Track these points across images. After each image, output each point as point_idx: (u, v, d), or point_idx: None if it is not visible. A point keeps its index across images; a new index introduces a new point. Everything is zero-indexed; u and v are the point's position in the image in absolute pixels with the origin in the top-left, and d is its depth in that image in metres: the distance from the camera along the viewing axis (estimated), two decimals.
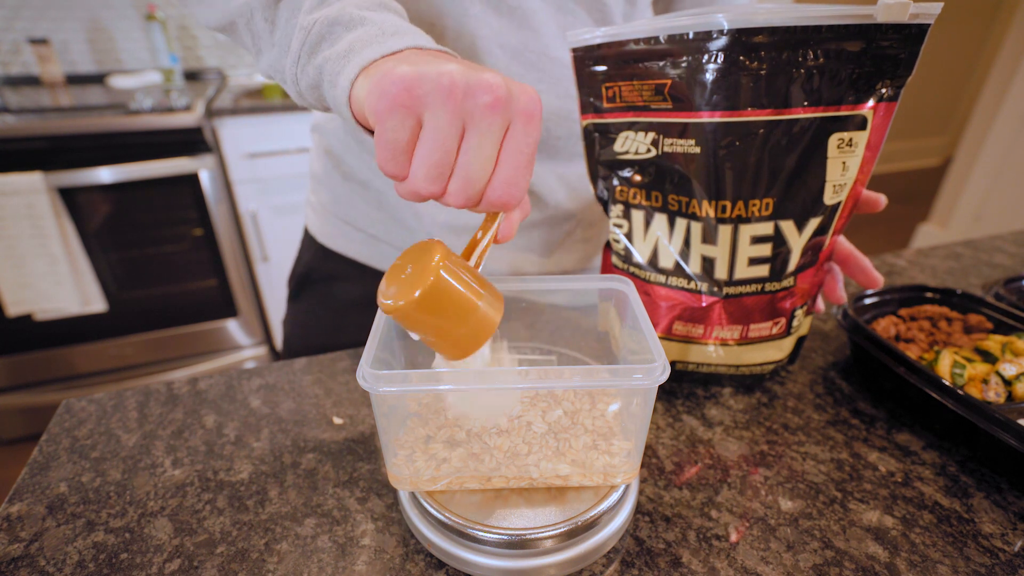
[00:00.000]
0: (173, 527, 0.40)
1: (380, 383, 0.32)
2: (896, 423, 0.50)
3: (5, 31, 1.81)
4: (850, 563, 0.37)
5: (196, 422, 0.50)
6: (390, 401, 0.37)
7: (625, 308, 0.41)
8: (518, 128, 0.30)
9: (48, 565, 0.37)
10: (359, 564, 0.37)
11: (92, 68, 1.93)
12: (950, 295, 0.60)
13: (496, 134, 0.30)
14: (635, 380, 0.32)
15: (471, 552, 0.35)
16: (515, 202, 0.32)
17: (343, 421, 0.50)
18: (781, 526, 0.40)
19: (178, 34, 1.98)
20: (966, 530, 0.40)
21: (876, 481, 0.44)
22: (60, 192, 1.49)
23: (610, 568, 0.37)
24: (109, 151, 1.50)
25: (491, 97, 0.29)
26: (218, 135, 1.61)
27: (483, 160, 0.30)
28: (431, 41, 0.35)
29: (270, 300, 1.89)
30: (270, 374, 0.56)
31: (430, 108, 0.29)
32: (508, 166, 0.31)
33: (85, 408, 0.52)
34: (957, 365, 0.49)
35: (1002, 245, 0.87)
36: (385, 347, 0.37)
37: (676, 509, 0.41)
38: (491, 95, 0.29)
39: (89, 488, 0.43)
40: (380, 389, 0.32)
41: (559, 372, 0.33)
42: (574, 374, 0.33)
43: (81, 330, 1.68)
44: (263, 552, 0.38)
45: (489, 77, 0.29)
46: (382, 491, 0.43)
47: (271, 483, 0.43)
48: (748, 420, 0.50)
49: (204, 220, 1.67)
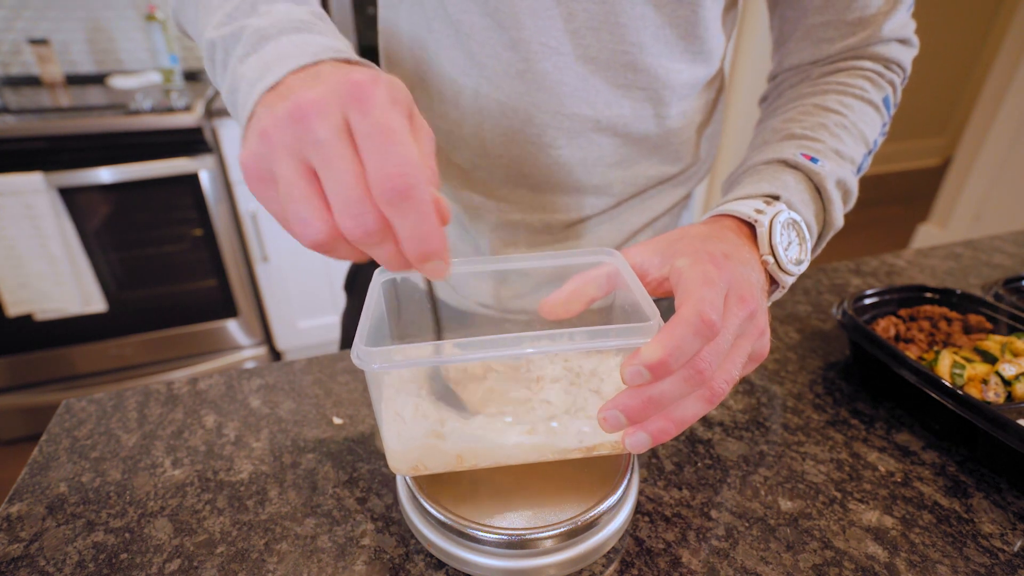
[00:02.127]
0: (173, 527, 0.40)
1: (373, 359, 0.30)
2: (896, 423, 0.50)
3: (5, 31, 1.81)
4: (850, 563, 0.37)
5: (196, 422, 0.50)
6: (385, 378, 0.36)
7: (616, 279, 0.39)
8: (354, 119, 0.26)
9: (48, 565, 0.37)
10: (359, 564, 0.37)
11: (92, 68, 1.93)
12: (950, 295, 0.60)
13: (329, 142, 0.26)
14: (631, 340, 0.32)
15: (471, 552, 0.35)
16: (409, 186, 0.25)
17: (343, 421, 0.50)
18: (781, 526, 0.40)
19: (178, 34, 1.98)
20: (965, 530, 0.40)
21: (876, 481, 0.44)
22: (60, 192, 1.49)
23: (610, 568, 0.37)
24: (109, 151, 1.50)
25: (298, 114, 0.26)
26: (218, 135, 1.61)
27: (338, 172, 0.26)
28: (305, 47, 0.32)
29: (270, 300, 1.89)
30: (270, 374, 0.56)
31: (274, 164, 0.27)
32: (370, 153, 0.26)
33: (85, 408, 0.52)
34: (957, 365, 0.49)
35: (1001, 245, 0.87)
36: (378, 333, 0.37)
37: (676, 509, 0.41)
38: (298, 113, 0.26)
39: (89, 488, 0.43)
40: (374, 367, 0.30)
41: (552, 337, 0.32)
42: (569, 337, 0.32)
43: (81, 330, 1.68)
44: (263, 552, 0.38)
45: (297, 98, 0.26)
46: (382, 491, 0.43)
47: (271, 483, 0.44)
48: (748, 420, 0.50)
49: (204, 220, 1.67)
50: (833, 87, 0.52)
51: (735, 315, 0.33)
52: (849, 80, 0.52)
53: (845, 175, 0.46)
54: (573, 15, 0.48)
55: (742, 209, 0.41)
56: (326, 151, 0.26)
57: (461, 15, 0.49)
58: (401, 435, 0.35)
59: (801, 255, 0.41)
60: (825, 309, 0.68)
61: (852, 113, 0.50)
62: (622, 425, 0.31)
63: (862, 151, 0.49)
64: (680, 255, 0.36)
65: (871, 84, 0.52)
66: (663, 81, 0.52)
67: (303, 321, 1.97)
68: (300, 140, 0.26)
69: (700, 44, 0.52)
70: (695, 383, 0.31)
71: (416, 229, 0.26)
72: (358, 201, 0.26)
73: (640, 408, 0.31)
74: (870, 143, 0.50)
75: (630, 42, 0.49)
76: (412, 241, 0.27)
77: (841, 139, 0.47)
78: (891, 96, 0.54)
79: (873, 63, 0.53)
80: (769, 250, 0.39)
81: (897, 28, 0.52)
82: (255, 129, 0.28)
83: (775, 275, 0.40)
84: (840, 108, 0.50)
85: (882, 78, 0.53)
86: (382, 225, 0.26)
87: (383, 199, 0.25)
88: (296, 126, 0.26)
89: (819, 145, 0.46)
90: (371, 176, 0.26)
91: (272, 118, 0.27)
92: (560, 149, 0.54)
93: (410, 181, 0.25)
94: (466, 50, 0.51)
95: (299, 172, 0.26)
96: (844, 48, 0.53)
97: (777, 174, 0.44)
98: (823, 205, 0.45)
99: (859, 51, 0.53)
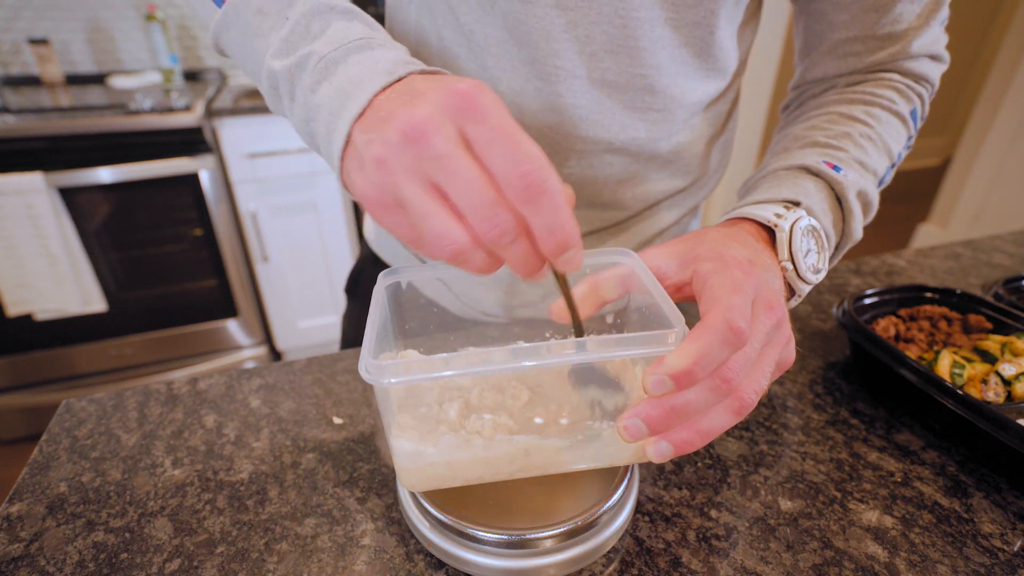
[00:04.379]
0: (173, 527, 0.40)
1: (384, 374, 0.30)
2: (896, 423, 0.50)
3: (5, 31, 1.81)
4: (850, 563, 0.37)
5: (196, 422, 0.50)
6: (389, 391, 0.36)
7: (630, 281, 0.38)
8: (470, 128, 0.27)
9: (48, 565, 0.37)
10: (359, 564, 0.37)
11: (92, 68, 1.93)
12: (950, 295, 0.60)
13: (452, 154, 0.26)
14: (658, 348, 0.30)
15: (471, 552, 0.35)
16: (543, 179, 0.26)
17: (343, 421, 0.50)
18: (781, 526, 0.40)
19: (178, 34, 1.98)
20: (965, 530, 0.40)
21: (876, 481, 0.44)
22: (60, 192, 1.49)
23: (610, 568, 0.37)
24: (109, 151, 1.50)
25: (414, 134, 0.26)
26: (218, 135, 1.61)
27: (466, 181, 0.26)
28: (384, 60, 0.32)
29: (270, 300, 1.89)
30: (270, 374, 0.56)
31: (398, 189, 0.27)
32: (496, 157, 0.26)
33: (85, 408, 0.52)
34: (956, 365, 0.49)
35: (1001, 245, 0.87)
36: (382, 339, 0.37)
37: (676, 509, 0.41)
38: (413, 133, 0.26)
39: (89, 488, 0.43)
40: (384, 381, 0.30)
41: (562, 347, 0.31)
42: (593, 345, 0.30)
43: (81, 330, 1.68)
44: (263, 552, 0.38)
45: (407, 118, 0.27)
46: (382, 491, 0.43)
47: (271, 483, 0.44)
48: (748, 420, 0.50)
49: (204, 220, 1.67)
50: (860, 96, 0.50)
51: (762, 323, 0.32)
52: (877, 90, 0.50)
53: (867, 187, 0.45)
54: (591, 38, 0.46)
55: (762, 213, 0.40)
56: (450, 164, 0.26)
57: (474, 25, 0.47)
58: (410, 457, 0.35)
59: (819, 264, 0.40)
60: (825, 309, 0.68)
61: (879, 124, 0.48)
62: (644, 435, 0.30)
63: (886, 164, 0.48)
64: (702, 260, 0.35)
65: (899, 96, 0.50)
66: (678, 101, 0.51)
67: (303, 321, 1.97)
68: (420, 159, 0.27)
69: (714, 62, 0.50)
70: (722, 393, 0.30)
71: (553, 220, 0.27)
72: (491, 204, 0.26)
73: (662, 418, 0.30)
74: (894, 156, 0.49)
75: (649, 65, 0.47)
76: (550, 233, 0.27)
77: (865, 150, 0.46)
78: (919, 109, 0.52)
79: (902, 76, 0.51)
80: (788, 256, 0.38)
81: (928, 44, 0.50)
82: (369, 157, 0.28)
83: (793, 283, 0.39)
84: (866, 118, 0.48)
85: (911, 91, 0.51)
86: (517, 224, 0.27)
87: (521, 198, 0.26)
88: (414, 147, 0.26)
89: (842, 154, 0.45)
90: (503, 178, 0.26)
91: (384, 144, 0.27)
92: (571, 168, 0.52)
93: (543, 175, 0.26)
94: (479, 62, 0.49)
95: (426, 191, 0.27)
96: (872, 63, 0.51)
97: (798, 180, 0.43)
98: (843, 216, 0.44)
99: (887, 65, 0.51)
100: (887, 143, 0.48)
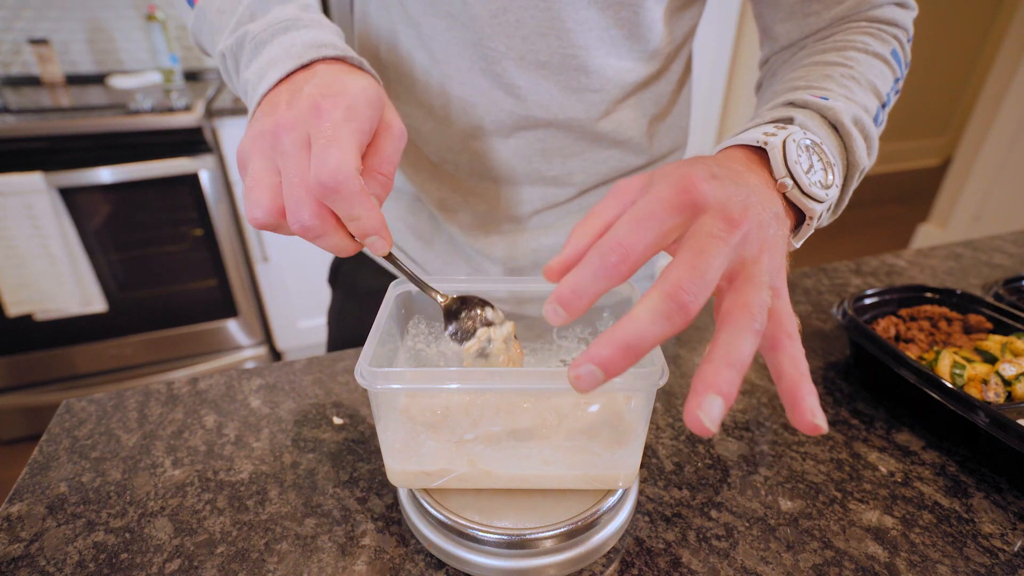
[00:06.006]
0: (173, 527, 0.40)
1: (377, 380, 0.32)
2: (896, 423, 0.50)
3: (5, 31, 1.81)
4: (850, 563, 0.37)
5: (196, 422, 0.50)
6: (385, 397, 0.37)
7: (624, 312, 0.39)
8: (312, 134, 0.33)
9: (48, 565, 0.37)
10: (359, 564, 0.37)
11: (92, 68, 1.93)
12: (950, 295, 0.60)
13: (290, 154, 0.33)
14: (633, 382, 0.32)
15: (471, 552, 0.35)
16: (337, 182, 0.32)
17: (343, 421, 0.50)
18: (781, 526, 0.40)
19: (178, 34, 1.98)
20: (966, 530, 0.40)
21: (876, 481, 0.44)
22: (60, 192, 1.49)
23: (610, 568, 0.37)
24: (109, 151, 1.50)
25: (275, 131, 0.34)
26: (218, 135, 1.61)
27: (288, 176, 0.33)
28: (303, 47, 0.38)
29: (270, 300, 1.89)
30: (270, 374, 0.56)
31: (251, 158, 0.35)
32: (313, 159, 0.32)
33: (85, 408, 0.52)
34: (957, 365, 0.49)
35: (1002, 245, 0.87)
36: (385, 344, 0.37)
37: (676, 509, 0.41)
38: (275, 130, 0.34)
39: (89, 488, 0.43)
40: (377, 387, 0.32)
41: (554, 375, 0.32)
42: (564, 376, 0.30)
43: (81, 330, 1.68)
44: (263, 552, 0.38)
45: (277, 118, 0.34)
46: (382, 491, 0.43)
47: (271, 483, 0.44)
48: (748, 420, 0.50)
49: (204, 220, 1.67)
50: (831, 45, 0.48)
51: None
52: (848, 36, 0.48)
53: (861, 115, 0.41)
54: (521, 23, 0.49)
55: (748, 136, 0.35)
56: (287, 161, 0.33)
57: (421, 17, 0.51)
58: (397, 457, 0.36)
59: (828, 179, 0.35)
60: (825, 309, 0.68)
61: (858, 65, 0.46)
62: (600, 381, 0.25)
63: (875, 103, 0.44)
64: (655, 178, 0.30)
65: (872, 38, 0.48)
66: (612, 80, 0.53)
67: (303, 321, 1.97)
68: (273, 148, 0.34)
69: (645, 43, 0.52)
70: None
71: (349, 212, 0.33)
72: (297, 199, 0.33)
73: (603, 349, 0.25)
74: (883, 96, 0.46)
75: (578, 46, 0.50)
76: (349, 221, 0.34)
77: (849, 88, 0.43)
78: (899, 51, 0.49)
79: (870, 23, 0.49)
80: (786, 172, 0.33)
81: None
82: (250, 131, 0.36)
83: (797, 201, 0.33)
84: (843, 60, 0.46)
85: (884, 33, 0.49)
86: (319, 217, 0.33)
87: (317, 193, 0.33)
88: (272, 138, 0.34)
89: (827, 93, 0.42)
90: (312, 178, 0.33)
91: (260, 127, 0.35)
92: (519, 141, 0.55)
93: (338, 178, 0.32)
94: (428, 50, 0.52)
95: (267, 169, 0.34)
96: (834, 17, 0.50)
97: (786, 111, 0.40)
98: (843, 142, 0.39)
99: (852, 17, 0.50)
100: (871, 81, 0.45)
